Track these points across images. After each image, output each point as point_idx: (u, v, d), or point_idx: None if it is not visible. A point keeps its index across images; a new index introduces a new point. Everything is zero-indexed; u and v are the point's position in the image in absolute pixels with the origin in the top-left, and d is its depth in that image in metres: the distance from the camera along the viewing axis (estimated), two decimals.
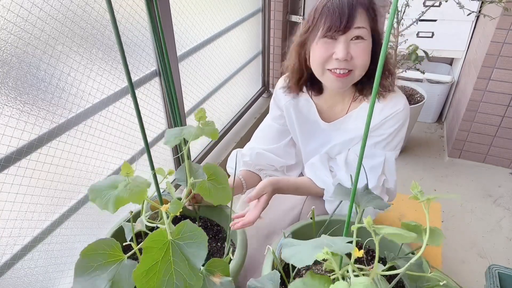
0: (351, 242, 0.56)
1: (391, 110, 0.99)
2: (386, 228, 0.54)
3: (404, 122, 1.02)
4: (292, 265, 0.87)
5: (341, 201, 0.99)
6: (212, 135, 0.77)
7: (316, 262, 0.93)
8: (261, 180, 1.16)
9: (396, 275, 0.87)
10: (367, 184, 0.85)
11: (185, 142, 0.79)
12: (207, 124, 0.78)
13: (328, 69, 0.94)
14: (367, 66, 0.94)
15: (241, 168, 1.16)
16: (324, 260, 0.52)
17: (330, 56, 0.92)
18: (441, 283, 0.62)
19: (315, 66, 0.97)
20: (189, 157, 0.81)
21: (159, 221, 0.84)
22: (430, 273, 0.64)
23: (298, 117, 1.15)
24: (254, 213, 0.95)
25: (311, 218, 0.97)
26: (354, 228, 0.59)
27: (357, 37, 0.90)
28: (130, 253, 0.68)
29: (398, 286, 0.86)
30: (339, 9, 0.88)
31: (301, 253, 0.56)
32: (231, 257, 0.88)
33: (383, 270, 0.58)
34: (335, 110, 1.09)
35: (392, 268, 0.65)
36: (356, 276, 0.54)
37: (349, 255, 0.58)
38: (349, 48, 0.90)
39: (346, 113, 1.07)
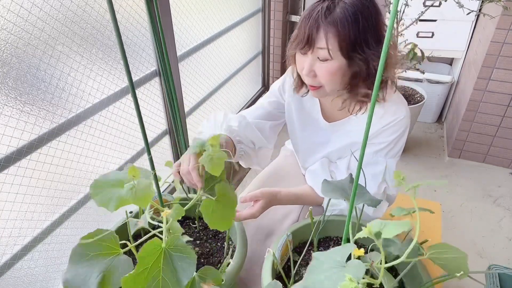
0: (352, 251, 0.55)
1: (392, 117, 0.98)
2: (385, 228, 0.54)
3: (405, 129, 1.01)
4: (292, 266, 0.87)
5: (330, 198, 0.97)
6: (214, 170, 0.74)
7: None
8: (234, 153, 1.07)
9: (398, 269, 0.87)
10: (351, 176, 0.85)
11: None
12: (218, 153, 0.75)
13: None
14: (338, 83, 0.93)
15: (223, 132, 1.05)
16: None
17: (302, 69, 0.94)
18: (458, 275, 0.62)
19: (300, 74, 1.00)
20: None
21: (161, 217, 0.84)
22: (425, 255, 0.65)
23: (300, 112, 1.14)
24: (244, 213, 0.94)
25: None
26: (356, 237, 0.58)
27: (325, 57, 0.89)
28: (126, 248, 0.68)
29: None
30: (304, 28, 0.88)
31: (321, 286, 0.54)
32: (230, 261, 0.87)
33: (387, 262, 0.58)
34: (336, 110, 1.09)
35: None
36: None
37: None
38: (314, 65, 0.91)
39: (349, 115, 1.07)
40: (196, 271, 0.71)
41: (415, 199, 0.59)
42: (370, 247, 0.71)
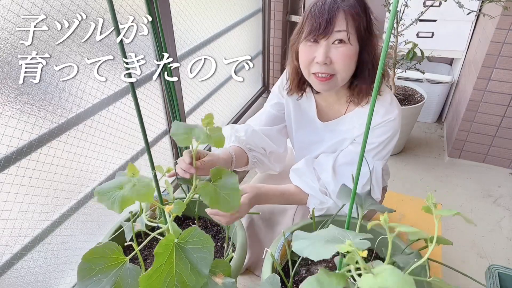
0: (363, 238, 0.56)
1: (383, 118, 0.99)
2: (400, 226, 0.54)
3: (395, 132, 1.01)
4: (291, 265, 0.87)
5: (344, 204, 0.98)
6: (218, 143, 0.75)
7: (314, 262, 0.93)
8: (248, 162, 1.11)
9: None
10: (369, 190, 0.85)
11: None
12: (215, 130, 0.76)
13: (313, 73, 0.96)
14: (351, 71, 0.94)
15: (232, 143, 1.09)
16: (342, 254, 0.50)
17: (312, 59, 0.93)
18: None
19: (302, 68, 0.99)
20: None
21: (159, 220, 0.85)
22: (429, 278, 0.64)
23: (297, 110, 1.15)
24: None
25: (311, 218, 0.97)
26: (369, 226, 0.59)
27: (340, 41, 0.90)
28: (131, 255, 0.68)
29: None
30: (320, 13, 0.89)
31: (315, 246, 0.54)
32: (233, 255, 0.87)
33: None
34: (332, 109, 1.09)
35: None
36: (359, 275, 0.54)
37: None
38: (330, 52, 0.91)
39: (343, 115, 1.07)
40: None
41: (427, 212, 0.59)
42: (377, 241, 0.70)
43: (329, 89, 0.98)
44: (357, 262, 0.53)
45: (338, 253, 0.57)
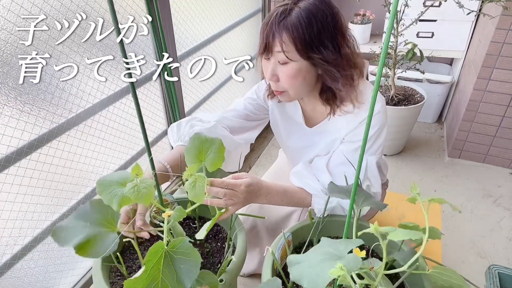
0: (358, 245, 0.56)
1: (366, 113, 0.98)
2: (393, 232, 0.54)
3: (383, 125, 1.00)
4: None
5: (329, 196, 0.96)
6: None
7: None
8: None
9: (399, 274, 0.87)
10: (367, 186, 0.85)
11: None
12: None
13: None
14: (302, 86, 0.93)
15: (183, 143, 1.03)
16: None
17: (266, 75, 0.96)
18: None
19: None
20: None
21: (161, 215, 0.84)
22: (428, 270, 0.65)
23: (284, 119, 1.15)
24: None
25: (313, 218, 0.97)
26: (360, 233, 0.59)
27: (284, 60, 0.89)
28: (127, 241, 0.69)
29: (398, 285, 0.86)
30: (262, 34, 0.91)
31: (311, 272, 0.54)
32: (233, 258, 0.87)
33: (386, 269, 0.58)
34: (316, 112, 1.09)
35: (392, 266, 0.65)
36: (361, 278, 0.54)
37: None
38: (277, 69, 0.92)
39: (327, 116, 1.07)
40: None
41: (412, 202, 0.59)
42: (372, 247, 0.71)
43: (287, 101, 1.01)
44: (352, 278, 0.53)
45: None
